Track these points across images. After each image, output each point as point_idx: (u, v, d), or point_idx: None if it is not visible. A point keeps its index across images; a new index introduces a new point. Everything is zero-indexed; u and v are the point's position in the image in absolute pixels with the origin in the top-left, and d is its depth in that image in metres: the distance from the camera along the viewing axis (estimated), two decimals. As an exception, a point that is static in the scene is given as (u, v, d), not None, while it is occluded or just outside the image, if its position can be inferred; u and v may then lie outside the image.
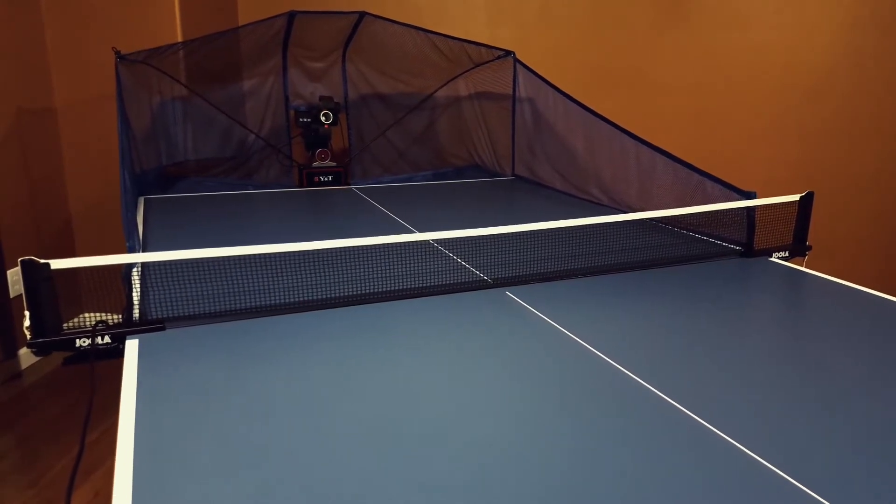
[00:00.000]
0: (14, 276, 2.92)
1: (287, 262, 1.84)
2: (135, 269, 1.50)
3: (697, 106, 3.62)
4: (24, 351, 2.99)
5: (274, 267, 1.79)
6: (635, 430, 1.03)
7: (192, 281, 1.66)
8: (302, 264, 1.82)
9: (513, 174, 3.48)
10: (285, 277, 1.72)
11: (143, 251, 1.94)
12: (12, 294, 2.90)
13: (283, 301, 1.55)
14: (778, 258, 2.01)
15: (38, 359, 3.06)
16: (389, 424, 1.03)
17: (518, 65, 3.24)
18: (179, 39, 3.06)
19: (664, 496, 0.86)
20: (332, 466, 0.92)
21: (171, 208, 2.65)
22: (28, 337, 1.29)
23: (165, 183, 3.14)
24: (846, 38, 3.46)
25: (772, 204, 2.01)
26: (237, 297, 1.57)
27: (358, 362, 1.26)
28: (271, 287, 1.64)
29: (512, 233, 2.08)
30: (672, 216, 2.22)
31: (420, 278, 1.73)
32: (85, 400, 2.69)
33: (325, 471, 0.91)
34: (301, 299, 1.56)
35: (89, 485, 2.14)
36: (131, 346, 1.30)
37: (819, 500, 0.86)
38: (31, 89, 3.03)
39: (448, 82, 3.60)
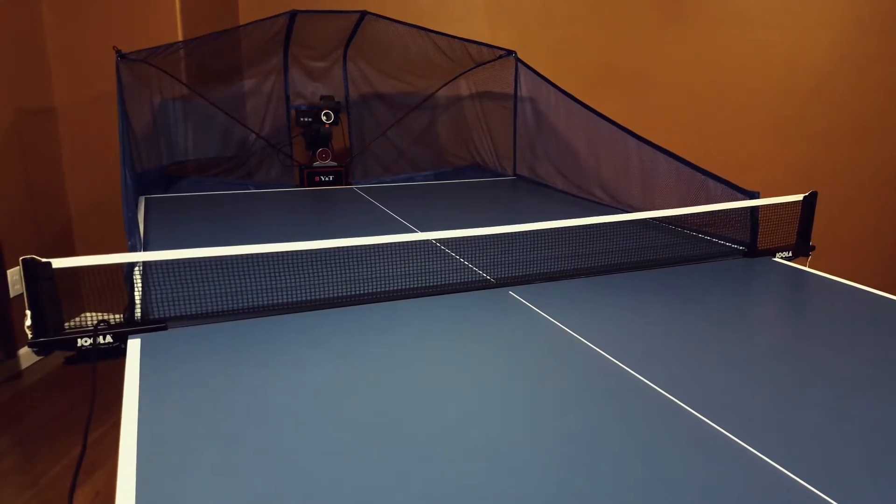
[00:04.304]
0: (14, 275, 2.91)
1: (288, 261, 1.83)
2: (136, 269, 1.49)
3: (699, 105, 3.62)
4: (24, 351, 2.98)
5: (275, 266, 1.79)
6: (640, 429, 1.02)
7: (194, 280, 1.65)
8: (303, 264, 1.82)
9: (514, 174, 3.47)
10: (287, 277, 1.71)
11: (144, 251, 1.94)
12: (12, 294, 2.89)
13: (284, 301, 1.54)
14: (781, 258, 2.00)
15: (38, 359, 3.05)
16: (392, 425, 1.03)
17: (519, 64, 3.23)
18: (180, 38, 3.06)
19: (668, 495, 0.86)
20: (335, 467, 0.92)
21: (171, 208, 2.65)
22: (29, 336, 1.29)
23: (166, 182, 3.13)
24: (848, 37, 3.46)
25: (775, 204, 2.00)
26: (239, 297, 1.57)
27: (360, 362, 1.25)
28: (273, 287, 1.64)
29: (514, 232, 2.08)
30: (675, 216, 2.21)
31: (422, 278, 1.73)
32: (87, 399, 2.68)
33: (328, 472, 0.91)
34: (303, 299, 1.55)
35: (90, 485, 2.13)
36: (133, 346, 1.30)
37: (821, 497, 0.85)
38: (30, 88, 3.02)
39: (449, 82, 3.59)
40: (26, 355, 2.99)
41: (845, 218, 3.73)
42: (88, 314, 1.37)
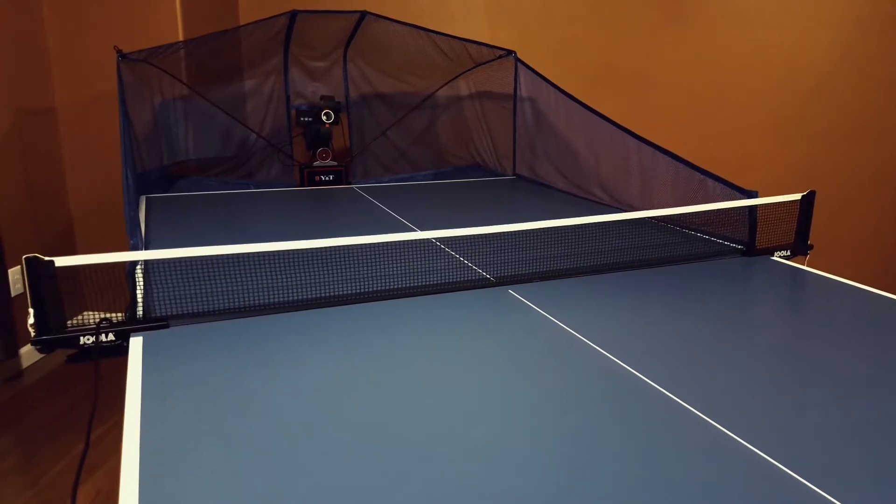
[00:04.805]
0: (15, 274, 2.92)
1: (289, 260, 1.84)
2: (138, 267, 1.50)
3: (698, 105, 3.63)
4: (25, 350, 2.99)
5: (276, 265, 1.80)
6: (640, 428, 1.03)
7: (196, 279, 1.66)
8: (304, 263, 1.82)
9: (514, 173, 3.48)
10: (288, 276, 1.72)
11: (146, 250, 1.94)
12: (13, 293, 2.90)
13: (285, 299, 1.55)
14: (779, 257, 2.01)
15: (39, 358, 3.06)
16: (392, 424, 1.04)
17: (519, 64, 3.24)
18: (181, 39, 3.06)
19: (669, 495, 0.86)
20: (335, 466, 0.92)
21: (172, 207, 2.65)
22: (32, 335, 1.29)
23: (167, 182, 3.14)
24: (848, 37, 3.46)
25: (773, 203, 2.01)
26: (240, 295, 1.57)
27: (361, 361, 1.26)
28: (274, 285, 1.65)
29: (514, 231, 2.09)
30: (674, 215, 2.22)
31: (422, 277, 1.73)
32: (87, 398, 2.69)
33: (329, 470, 0.91)
34: (304, 298, 1.56)
35: (91, 483, 2.13)
36: (135, 344, 1.30)
37: (822, 495, 0.86)
38: (31, 88, 3.03)
39: (449, 82, 3.60)
40: (27, 354, 3.00)
41: (845, 217, 3.74)
42: (90, 313, 1.38)
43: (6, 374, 2.88)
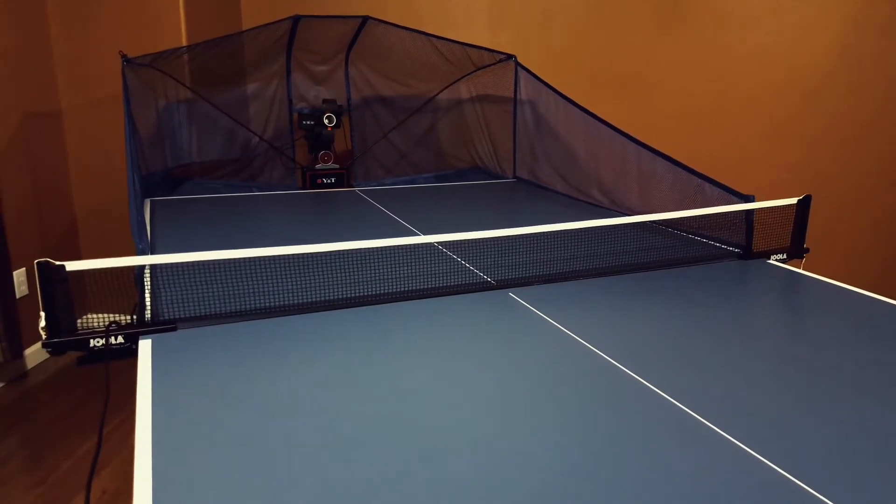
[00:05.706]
0: (20, 276, 2.94)
1: (292, 263, 1.87)
2: (146, 271, 1.53)
3: (697, 109, 3.65)
4: (29, 351, 3.01)
5: (279, 268, 1.82)
6: (638, 430, 1.05)
7: (202, 282, 1.69)
8: (306, 266, 1.85)
9: (514, 176, 3.51)
10: (292, 279, 1.74)
11: (151, 253, 1.97)
12: (18, 295, 2.93)
13: (290, 302, 1.58)
14: (776, 260, 2.04)
15: (43, 359, 3.09)
16: (395, 425, 1.06)
17: (519, 68, 3.27)
18: (184, 43, 3.09)
19: (668, 496, 0.89)
20: (342, 463, 0.95)
21: (176, 210, 2.68)
22: (43, 337, 1.32)
23: (170, 185, 3.17)
24: (846, 40, 3.49)
25: (770, 207, 2.04)
26: (246, 298, 1.60)
27: (365, 363, 1.28)
28: (278, 288, 1.67)
29: (514, 235, 2.12)
30: (672, 219, 2.25)
31: (424, 280, 1.76)
32: (92, 398, 2.71)
33: (336, 470, 0.94)
34: (308, 301, 1.59)
35: (97, 483, 2.16)
36: (144, 347, 1.33)
37: (816, 496, 0.88)
38: (36, 92, 3.06)
39: (450, 85, 3.63)
40: (32, 355, 3.03)
41: (843, 220, 3.76)
42: (92, 315, 1.41)
43: (11, 375, 2.91)
